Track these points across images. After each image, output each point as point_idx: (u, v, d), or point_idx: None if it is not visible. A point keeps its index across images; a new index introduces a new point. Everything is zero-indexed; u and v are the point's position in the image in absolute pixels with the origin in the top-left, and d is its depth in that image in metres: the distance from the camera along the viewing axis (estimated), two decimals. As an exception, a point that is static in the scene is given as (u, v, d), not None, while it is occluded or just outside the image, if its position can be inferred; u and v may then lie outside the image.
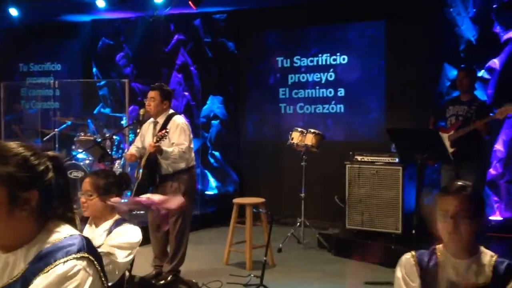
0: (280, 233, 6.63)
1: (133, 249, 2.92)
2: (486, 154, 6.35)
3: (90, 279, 1.45)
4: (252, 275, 5.13)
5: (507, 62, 6.49)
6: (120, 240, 2.89)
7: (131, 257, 2.91)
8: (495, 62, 6.57)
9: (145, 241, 5.88)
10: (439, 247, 2.19)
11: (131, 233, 2.98)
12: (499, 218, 6.56)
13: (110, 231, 2.98)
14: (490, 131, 5.55)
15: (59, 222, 1.54)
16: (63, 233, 1.51)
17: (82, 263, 1.45)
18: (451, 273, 2.13)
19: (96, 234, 3.00)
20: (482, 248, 2.19)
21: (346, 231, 6.33)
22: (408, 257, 2.21)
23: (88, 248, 1.49)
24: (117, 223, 3.04)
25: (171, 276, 4.92)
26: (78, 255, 1.45)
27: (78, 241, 1.49)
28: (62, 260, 1.42)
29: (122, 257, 2.83)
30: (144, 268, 5.17)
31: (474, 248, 2.16)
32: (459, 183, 2.20)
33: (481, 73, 6.57)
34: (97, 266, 1.49)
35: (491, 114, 5.47)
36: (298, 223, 6.71)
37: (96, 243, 2.87)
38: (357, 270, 5.64)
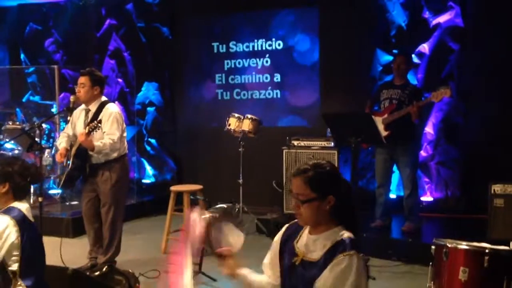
0: (218, 219, 6.60)
1: None
2: (418, 137, 6.54)
3: None
4: (190, 262, 5.08)
5: (436, 47, 6.69)
6: None
7: None
8: (425, 47, 6.75)
9: (80, 233, 5.76)
10: None
11: None
12: (430, 198, 6.79)
13: None
14: (421, 115, 5.71)
15: None
16: None
17: None
18: (300, 244, 2.26)
19: None
20: (339, 228, 2.21)
21: (284, 216, 6.39)
22: (286, 224, 2.44)
23: None
24: (1, 212, 2.99)
25: (106, 267, 4.80)
26: None
27: None
28: None
29: None
30: (79, 260, 5.04)
31: (326, 226, 2.21)
32: (304, 166, 2.23)
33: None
34: None
35: (423, 99, 5.62)
36: (237, 209, 6.71)
37: None
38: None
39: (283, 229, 2.42)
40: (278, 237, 2.41)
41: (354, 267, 2.07)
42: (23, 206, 3.04)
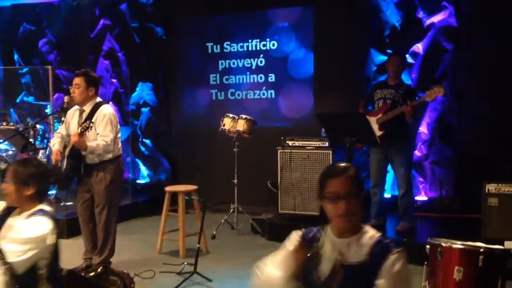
0: (213, 220, 6.61)
1: (32, 244, 2.76)
2: (413, 137, 6.56)
3: None
4: (185, 263, 5.08)
5: (430, 47, 6.71)
6: (17, 236, 2.76)
7: (30, 253, 2.75)
8: (419, 47, 6.77)
9: (75, 233, 5.74)
10: (327, 226, 2.27)
11: (32, 227, 2.82)
12: (424, 198, 6.81)
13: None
14: (415, 115, 5.72)
15: None
16: None
17: None
18: (328, 250, 2.20)
19: (15, 224, 2.88)
20: (366, 228, 2.25)
21: (279, 216, 6.39)
22: (298, 232, 2.34)
23: None
24: (33, 214, 2.90)
25: (101, 268, 4.79)
26: None
27: None
28: None
29: (14, 255, 2.70)
30: (73, 261, 5.02)
31: (357, 227, 2.23)
32: (342, 164, 2.27)
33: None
34: None
35: (417, 99, 5.64)
36: (232, 209, 6.71)
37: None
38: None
39: (298, 237, 2.31)
40: (291, 242, 2.30)
41: (406, 263, 2.14)
42: (49, 209, 2.99)
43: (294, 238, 2.33)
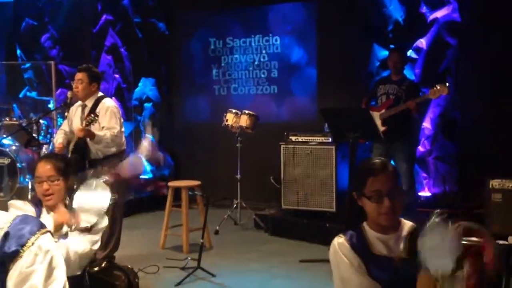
0: (216, 215, 6.61)
1: (100, 233, 3.13)
2: (415, 132, 6.55)
3: None
4: (189, 258, 5.10)
5: (433, 42, 6.69)
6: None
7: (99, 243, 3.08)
8: (422, 42, 6.75)
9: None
10: (365, 225, 2.23)
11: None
12: (428, 194, 6.80)
13: None
14: (420, 110, 5.71)
15: None
16: None
17: None
18: (382, 249, 2.17)
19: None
20: (402, 220, 2.25)
21: (282, 211, 6.40)
22: (341, 241, 2.20)
23: None
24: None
25: (105, 262, 4.80)
26: None
27: None
28: None
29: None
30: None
31: (398, 221, 2.22)
32: (379, 160, 2.23)
33: (409, 53, 6.74)
34: None
35: (421, 94, 5.62)
36: (235, 205, 6.71)
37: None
38: (293, 249, 5.71)
39: (347, 251, 2.17)
40: (356, 261, 2.15)
41: None
42: None
43: (345, 248, 2.18)
